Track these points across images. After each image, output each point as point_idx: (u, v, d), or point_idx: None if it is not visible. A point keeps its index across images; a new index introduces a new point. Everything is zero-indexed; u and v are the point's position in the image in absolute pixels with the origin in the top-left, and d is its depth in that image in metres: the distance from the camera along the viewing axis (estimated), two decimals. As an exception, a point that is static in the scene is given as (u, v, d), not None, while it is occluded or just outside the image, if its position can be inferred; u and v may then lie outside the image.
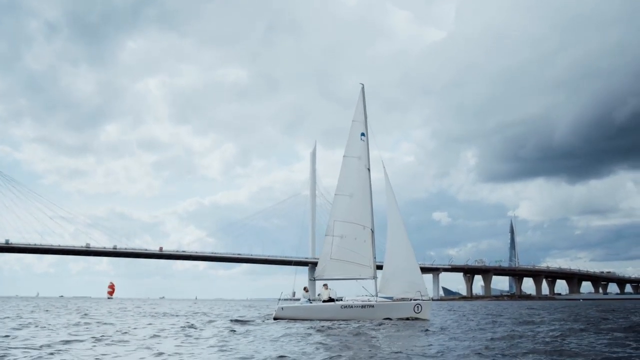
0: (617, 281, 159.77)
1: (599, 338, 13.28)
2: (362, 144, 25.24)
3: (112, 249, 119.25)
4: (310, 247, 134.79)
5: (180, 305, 57.26)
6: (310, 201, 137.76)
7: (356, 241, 24.20)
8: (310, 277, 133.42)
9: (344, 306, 22.89)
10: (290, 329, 16.84)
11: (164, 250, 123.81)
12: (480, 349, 11.12)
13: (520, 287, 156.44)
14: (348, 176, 24.83)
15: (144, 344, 12.05)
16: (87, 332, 15.14)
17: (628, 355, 9.84)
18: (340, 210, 24.52)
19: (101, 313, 29.39)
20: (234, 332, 15.73)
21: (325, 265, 24.19)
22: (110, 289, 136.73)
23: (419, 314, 22.93)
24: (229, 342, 12.76)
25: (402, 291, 23.42)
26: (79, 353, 10.49)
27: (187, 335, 14.37)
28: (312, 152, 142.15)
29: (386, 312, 22.75)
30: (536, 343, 12.21)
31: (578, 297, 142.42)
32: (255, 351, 10.92)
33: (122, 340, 13.07)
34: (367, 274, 24.24)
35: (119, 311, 32.79)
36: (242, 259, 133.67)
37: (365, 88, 25.89)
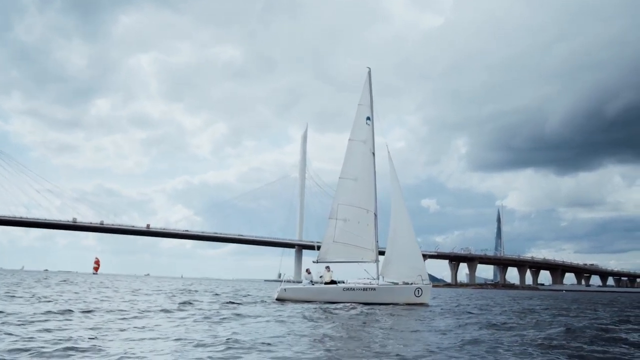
0: (600, 274, 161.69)
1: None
2: (367, 128, 25.26)
3: (99, 225, 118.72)
4: (298, 230, 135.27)
5: (173, 283, 57.25)
6: (299, 183, 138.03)
7: (359, 225, 24.30)
8: (297, 259, 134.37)
9: (346, 288, 23.02)
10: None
11: (152, 228, 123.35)
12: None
13: (505, 276, 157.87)
14: (353, 160, 24.85)
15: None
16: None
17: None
18: (344, 194, 24.57)
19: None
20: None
21: (328, 247, 24.25)
22: (95, 265, 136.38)
23: (419, 298, 23.14)
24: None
25: (403, 275, 23.55)
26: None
27: (206, 317, 14.29)
28: (303, 134, 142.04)
29: (388, 295, 22.91)
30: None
31: (561, 288, 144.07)
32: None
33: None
34: (369, 258, 24.37)
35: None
36: (230, 239, 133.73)
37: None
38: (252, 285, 74.20)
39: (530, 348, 9.09)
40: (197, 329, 10.74)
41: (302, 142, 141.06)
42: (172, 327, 10.79)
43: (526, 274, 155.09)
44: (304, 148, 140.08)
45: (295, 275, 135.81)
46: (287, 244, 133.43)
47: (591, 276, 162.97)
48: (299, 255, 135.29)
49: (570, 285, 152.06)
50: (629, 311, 24.07)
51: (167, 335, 9.54)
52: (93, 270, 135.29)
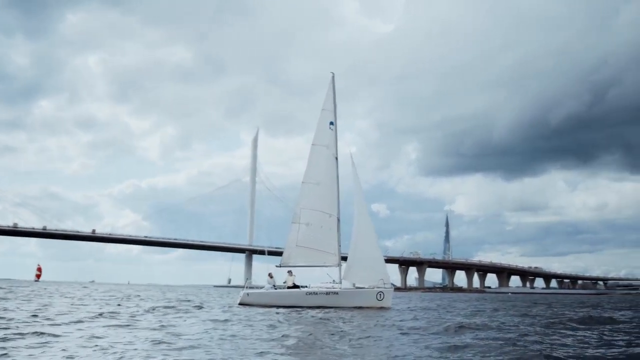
0: (544, 276, 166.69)
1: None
2: (330, 133, 25.39)
3: (41, 230, 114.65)
4: (248, 234, 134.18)
5: (121, 290, 55.97)
6: (250, 188, 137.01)
7: (322, 229, 24.39)
8: (247, 264, 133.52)
9: (309, 293, 23.07)
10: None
11: (97, 233, 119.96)
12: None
13: (453, 279, 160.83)
14: (316, 164, 24.94)
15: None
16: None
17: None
18: (307, 198, 24.62)
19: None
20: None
21: (291, 252, 24.28)
22: (38, 272, 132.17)
23: (381, 301, 23.35)
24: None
25: (365, 279, 23.73)
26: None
27: (162, 326, 14.06)
28: (254, 138, 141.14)
29: (350, 299, 23.05)
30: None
31: (507, 290, 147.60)
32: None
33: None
34: (332, 262, 24.49)
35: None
36: (178, 244, 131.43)
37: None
38: (199, 290, 73.57)
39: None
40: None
41: (253, 146, 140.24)
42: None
43: (474, 277, 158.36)
44: (255, 152, 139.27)
45: (245, 280, 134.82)
46: (237, 249, 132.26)
47: (535, 279, 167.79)
48: (249, 260, 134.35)
49: (515, 288, 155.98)
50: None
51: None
52: (35, 277, 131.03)
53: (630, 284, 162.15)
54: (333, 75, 26.24)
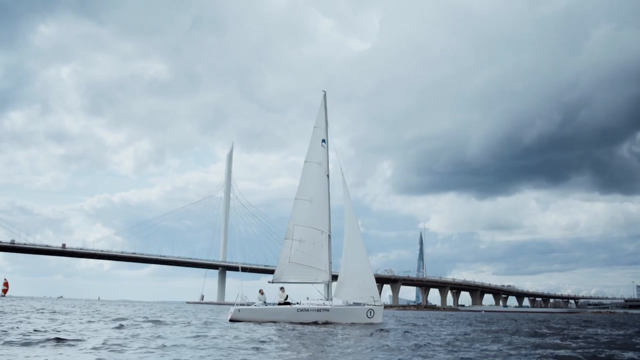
0: (517, 294, 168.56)
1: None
2: (322, 150, 25.67)
3: (9, 244, 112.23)
4: (222, 250, 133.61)
5: (98, 306, 55.13)
6: (224, 204, 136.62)
7: (314, 246, 24.57)
8: (221, 280, 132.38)
9: (300, 309, 23.15)
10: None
11: (67, 248, 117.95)
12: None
13: (427, 297, 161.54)
14: (308, 181, 25.18)
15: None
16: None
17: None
18: (300, 215, 24.79)
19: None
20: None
21: (283, 268, 24.36)
22: (4, 287, 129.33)
23: (372, 318, 23.55)
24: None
25: (356, 296, 23.93)
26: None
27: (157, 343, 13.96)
28: (228, 154, 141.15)
29: (341, 316, 23.20)
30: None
31: (480, 308, 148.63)
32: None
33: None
34: (322, 279, 24.66)
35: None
36: (151, 260, 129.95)
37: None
38: (171, 306, 72.77)
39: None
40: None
41: (228, 162, 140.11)
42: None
43: (447, 295, 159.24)
44: (229, 168, 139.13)
45: (219, 297, 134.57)
46: (211, 264, 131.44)
47: (508, 297, 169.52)
48: (223, 277, 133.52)
49: (488, 306, 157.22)
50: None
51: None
52: (1, 292, 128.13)
53: (601, 303, 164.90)
54: (325, 93, 26.61)
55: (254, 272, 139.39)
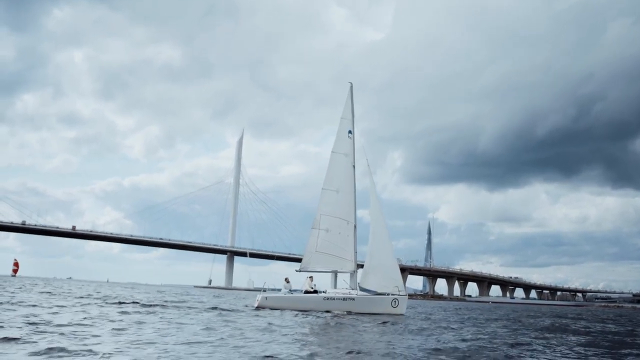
0: (524, 286, 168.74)
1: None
2: (349, 142, 25.92)
3: (20, 225, 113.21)
4: (230, 236, 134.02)
5: (112, 288, 55.65)
6: (233, 189, 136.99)
7: (340, 235, 24.89)
8: (229, 265, 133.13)
9: (326, 298, 23.50)
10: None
11: (78, 230, 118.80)
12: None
13: (434, 287, 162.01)
14: (335, 172, 25.46)
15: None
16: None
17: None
18: (327, 205, 25.11)
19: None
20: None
21: (310, 257, 24.70)
22: (14, 267, 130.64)
23: (396, 308, 23.88)
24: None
25: (381, 286, 24.24)
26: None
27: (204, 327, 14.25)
28: (239, 140, 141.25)
29: (366, 305, 23.54)
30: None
31: (487, 299, 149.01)
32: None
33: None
34: (348, 268, 25.00)
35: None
36: (160, 244, 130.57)
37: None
38: (179, 289, 73.41)
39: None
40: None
41: (238, 148, 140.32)
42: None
43: (454, 286, 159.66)
44: (239, 154, 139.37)
45: (227, 282, 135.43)
46: (219, 250, 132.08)
47: (515, 289, 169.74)
48: (231, 262, 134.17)
49: (495, 297, 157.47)
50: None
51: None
52: (12, 272, 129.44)
53: (609, 297, 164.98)
54: (351, 85, 26.81)
55: (262, 258, 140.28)
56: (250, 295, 55.28)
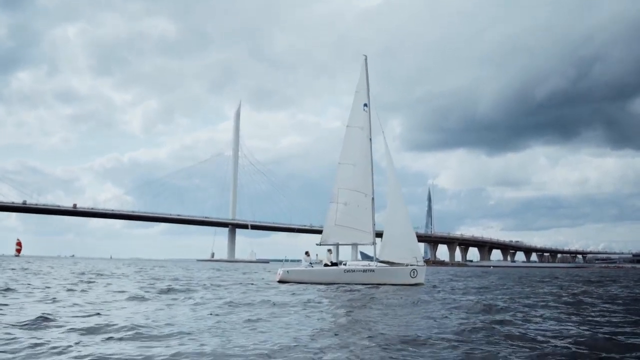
0: (525, 250, 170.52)
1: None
2: (364, 115, 25.98)
3: (21, 204, 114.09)
4: (232, 209, 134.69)
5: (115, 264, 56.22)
6: (232, 162, 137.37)
7: (358, 208, 25.14)
8: (230, 238, 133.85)
9: (347, 270, 23.86)
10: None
11: (79, 207, 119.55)
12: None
13: (435, 253, 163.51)
14: (351, 145, 25.59)
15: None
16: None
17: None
18: (344, 179, 25.31)
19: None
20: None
21: (329, 231, 25.03)
22: (18, 247, 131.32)
23: (415, 278, 24.26)
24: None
25: (399, 257, 24.58)
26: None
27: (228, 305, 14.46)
28: (236, 111, 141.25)
29: (385, 276, 23.90)
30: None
31: (489, 264, 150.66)
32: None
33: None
34: (367, 240, 25.31)
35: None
36: (161, 219, 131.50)
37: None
38: (183, 264, 73.67)
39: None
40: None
41: (235, 120, 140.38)
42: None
43: (456, 251, 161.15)
44: (237, 125, 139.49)
45: (229, 254, 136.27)
46: (220, 223, 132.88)
47: (516, 252, 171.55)
48: (232, 235, 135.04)
49: (497, 262, 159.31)
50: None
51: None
52: (15, 252, 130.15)
53: (609, 258, 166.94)
54: (366, 57, 26.73)
55: (264, 230, 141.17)
56: (254, 268, 55.83)
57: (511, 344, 7.43)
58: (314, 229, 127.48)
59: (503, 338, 7.88)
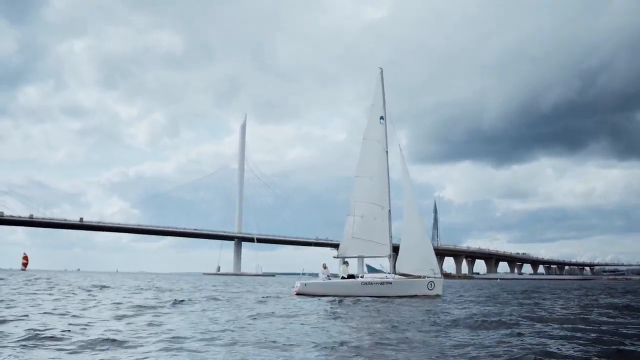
0: (531, 262, 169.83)
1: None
2: (381, 127, 26.14)
3: (28, 218, 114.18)
4: (237, 222, 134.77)
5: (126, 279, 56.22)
6: (238, 175, 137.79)
7: (375, 221, 25.22)
8: (236, 251, 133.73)
9: (365, 283, 23.88)
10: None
11: (85, 221, 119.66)
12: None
13: (442, 265, 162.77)
14: (368, 158, 25.74)
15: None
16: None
17: None
18: (361, 191, 25.43)
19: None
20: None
21: (347, 243, 25.10)
22: (24, 261, 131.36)
23: (432, 290, 24.30)
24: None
25: (416, 268, 24.64)
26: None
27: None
28: (242, 125, 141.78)
29: (403, 288, 23.93)
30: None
31: (495, 276, 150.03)
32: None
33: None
34: (384, 252, 25.36)
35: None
36: (167, 232, 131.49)
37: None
38: (190, 277, 73.49)
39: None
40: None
41: (241, 133, 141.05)
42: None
43: (462, 264, 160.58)
44: (243, 139, 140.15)
45: (235, 268, 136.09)
46: (226, 236, 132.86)
47: (523, 265, 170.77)
48: (238, 248, 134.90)
49: (503, 274, 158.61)
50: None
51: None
52: (22, 266, 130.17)
53: (616, 269, 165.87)
54: (381, 70, 26.97)
55: (270, 243, 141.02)
56: (264, 280, 55.79)
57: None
58: (320, 242, 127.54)
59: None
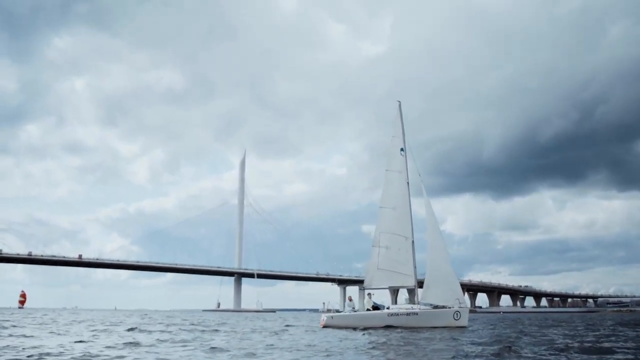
0: (534, 295, 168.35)
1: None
2: (401, 159, 26.45)
3: (26, 256, 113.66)
4: (237, 258, 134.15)
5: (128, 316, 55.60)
6: (238, 211, 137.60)
7: (400, 252, 25.33)
8: (236, 287, 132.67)
9: (390, 314, 23.85)
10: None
11: (84, 258, 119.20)
12: None
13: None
14: (391, 189, 26.03)
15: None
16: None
17: None
18: (385, 223, 25.61)
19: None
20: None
21: (373, 275, 25.18)
22: (21, 298, 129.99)
23: (458, 321, 24.22)
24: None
25: (442, 299, 24.63)
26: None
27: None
28: (241, 161, 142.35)
29: (429, 319, 23.88)
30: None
31: (498, 309, 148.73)
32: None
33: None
34: (409, 283, 25.40)
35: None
36: (167, 268, 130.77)
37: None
38: (189, 314, 72.65)
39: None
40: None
41: (241, 169, 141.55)
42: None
43: (464, 297, 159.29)
44: (242, 174, 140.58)
45: (235, 304, 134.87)
46: (226, 272, 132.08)
47: (526, 297, 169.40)
48: (239, 284, 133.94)
49: (506, 307, 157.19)
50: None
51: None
52: (19, 304, 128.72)
53: (620, 301, 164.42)
54: (400, 103, 27.41)
55: (270, 278, 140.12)
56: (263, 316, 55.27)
57: None
58: (320, 277, 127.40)
59: None
